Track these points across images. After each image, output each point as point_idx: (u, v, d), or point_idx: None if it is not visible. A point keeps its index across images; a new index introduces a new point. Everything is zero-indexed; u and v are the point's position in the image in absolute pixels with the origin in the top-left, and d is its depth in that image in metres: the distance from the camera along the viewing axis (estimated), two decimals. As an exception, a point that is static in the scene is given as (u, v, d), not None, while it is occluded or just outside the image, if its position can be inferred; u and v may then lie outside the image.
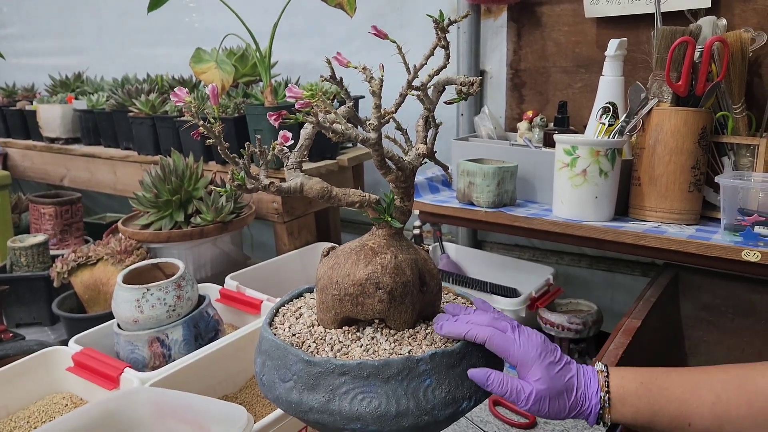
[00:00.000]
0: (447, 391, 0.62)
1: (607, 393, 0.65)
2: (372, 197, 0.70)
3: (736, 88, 1.16)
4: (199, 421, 0.86)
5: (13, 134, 2.33)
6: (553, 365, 0.65)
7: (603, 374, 0.67)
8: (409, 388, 0.60)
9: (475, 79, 0.68)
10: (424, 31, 1.70)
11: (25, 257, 1.47)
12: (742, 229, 1.02)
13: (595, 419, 0.66)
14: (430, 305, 0.71)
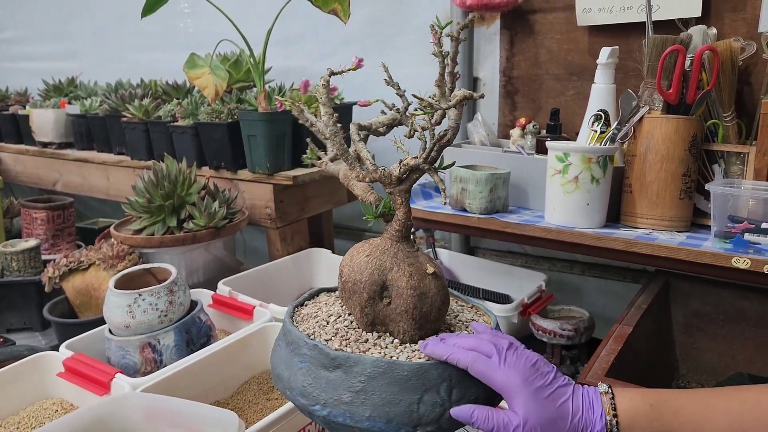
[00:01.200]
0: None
1: (615, 416, 0.60)
2: (371, 195, 0.71)
3: (726, 96, 1.17)
4: (191, 427, 0.85)
5: (6, 138, 2.32)
6: (542, 389, 0.59)
7: (608, 396, 0.61)
8: None
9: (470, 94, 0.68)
10: (419, 37, 1.72)
11: (16, 262, 1.47)
12: (732, 236, 1.03)
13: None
14: (427, 320, 0.68)
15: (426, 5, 1.67)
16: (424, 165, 0.64)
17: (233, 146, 1.55)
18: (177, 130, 1.64)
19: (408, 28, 1.71)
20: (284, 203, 1.55)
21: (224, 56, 1.81)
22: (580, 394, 0.61)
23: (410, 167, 0.65)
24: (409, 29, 1.71)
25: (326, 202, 1.69)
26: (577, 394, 0.61)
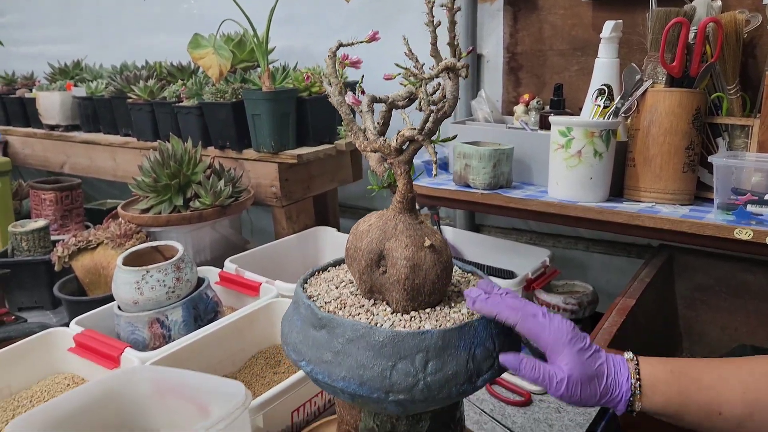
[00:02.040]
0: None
1: (638, 380, 0.64)
2: (381, 167, 0.72)
3: (731, 68, 1.17)
4: (198, 398, 0.87)
5: (13, 122, 2.34)
6: (584, 351, 0.64)
7: (633, 362, 0.66)
8: None
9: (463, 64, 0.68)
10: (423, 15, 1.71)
11: (26, 242, 1.49)
12: (734, 207, 1.03)
13: (624, 406, 0.65)
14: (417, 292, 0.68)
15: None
16: (419, 136, 0.64)
17: (238, 126, 1.56)
18: (182, 110, 1.65)
19: (411, 5, 1.71)
20: (289, 182, 1.56)
21: (228, 36, 1.81)
22: (611, 360, 0.66)
23: (406, 138, 0.65)
24: (412, 6, 1.70)
25: (331, 181, 1.69)
26: (609, 360, 0.66)
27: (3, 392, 1.04)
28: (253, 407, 0.88)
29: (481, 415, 1.06)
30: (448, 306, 0.72)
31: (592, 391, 0.64)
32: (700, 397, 0.64)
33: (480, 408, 1.08)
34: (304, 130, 1.57)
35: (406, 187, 0.68)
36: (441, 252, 0.68)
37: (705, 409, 0.63)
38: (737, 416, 0.62)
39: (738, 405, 0.62)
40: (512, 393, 1.12)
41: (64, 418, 0.83)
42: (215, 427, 0.74)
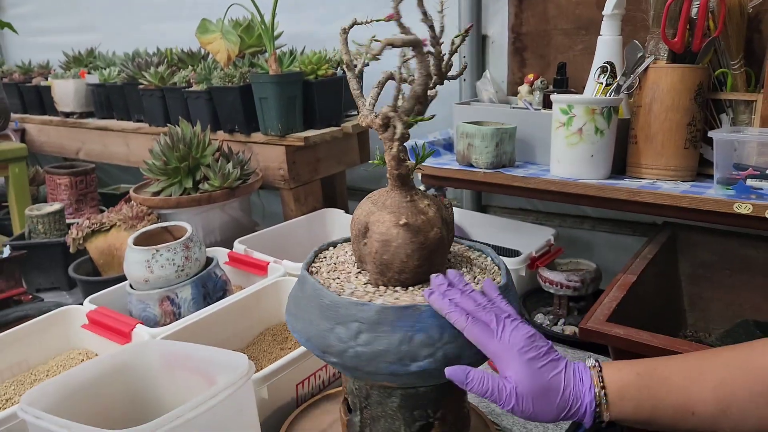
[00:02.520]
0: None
1: (603, 388, 0.60)
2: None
3: (734, 43, 1.16)
4: (205, 370, 0.90)
5: (30, 110, 2.38)
6: (535, 360, 0.60)
7: (595, 369, 0.62)
8: None
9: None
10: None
11: (42, 225, 1.53)
12: (734, 182, 1.04)
13: (591, 419, 0.61)
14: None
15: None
16: (392, 113, 0.65)
17: (246, 109, 1.59)
18: (192, 95, 1.68)
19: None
20: (297, 164, 1.58)
21: (236, 22, 1.83)
22: (571, 369, 0.62)
23: (384, 114, 0.66)
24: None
25: (338, 164, 1.71)
26: (568, 369, 0.62)
27: (21, 366, 1.09)
28: (258, 379, 0.91)
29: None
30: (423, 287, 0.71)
31: (548, 404, 0.60)
32: (671, 398, 0.60)
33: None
34: (310, 113, 1.59)
35: (391, 164, 0.69)
36: (419, 232, 0.67)
37: (679, 410, 0.60)
38: (711, 414, 0.59)
39: (711, 402, 0.59)
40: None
41: (77, 389, 0.86)
42: (219, 396, 0.76)
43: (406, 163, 0.68)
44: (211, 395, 0.76)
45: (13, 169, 1.81)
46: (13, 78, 2.47)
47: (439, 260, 0.71)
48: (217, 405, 0.76)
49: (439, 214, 0.70)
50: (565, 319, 1.31)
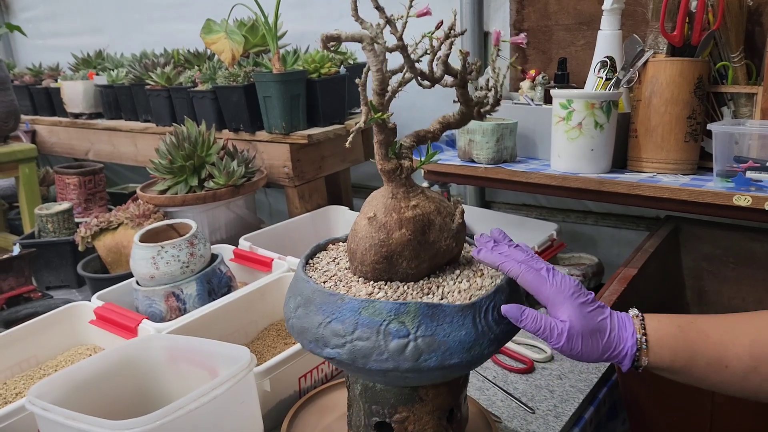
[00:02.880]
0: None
1: (644, 335, 0.64)
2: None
3: (734, 36, 1.16)
4: (208, 363, 0.92)
5: (40, 111, 2.42)
6: (586, 305, 0.64)
7: (638, 318, 0.66)
8: None
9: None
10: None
11: (51, 224, 1.55)
12: (734, 174, 1.04)
13: (630, 362, 0.65)
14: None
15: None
16: (364, 107, 0.66)
17: (250, 108, 1.60)
18: (197, 95, 1.70)
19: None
20: (301, 162, 1.59)
21: (241, 22, 1.84)
22: (615, 316, 0.66)
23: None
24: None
25: (342, 161, 1.73)
26: (613, 315, 0.66)
27: (30, 362, 1.11)
28: (260, 372, 0.93)
29: (483, 382, 1.09)
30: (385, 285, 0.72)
31: (594, 345, 0.64)
32: (708, 351, 0.63)
33: (483, 375, 1.11)
34: (314, 111, 1.60)
35: (378, 161, 0.71)
36: (382, 229, 0.68)
37: (713, 363, 0.63)
38: (743, 369, 0.62)
39: (745, 358, 0.62)
40: (515, 361, 1.15)
41: (84, 383, 0.88)
42: (220, 388, 0.78)
43: (391, 160, 0.69)
44: (213, 387, 0.77)
45: (23, 170, 1.84)
46: (24, 80, 2.51)
47: (405, 263, 0.69)
48: (218, 397, 0.77)
49: (422, 218, 0.69)
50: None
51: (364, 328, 0.64)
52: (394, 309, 0.64)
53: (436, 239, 0.70)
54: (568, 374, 1.11)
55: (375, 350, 0.64)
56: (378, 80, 0.64)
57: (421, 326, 0.63)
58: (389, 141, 0.69)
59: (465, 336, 0.64)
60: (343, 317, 0.65)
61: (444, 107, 1.50)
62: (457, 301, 0.66)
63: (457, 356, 0.63)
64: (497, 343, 0.66)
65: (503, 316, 0.65)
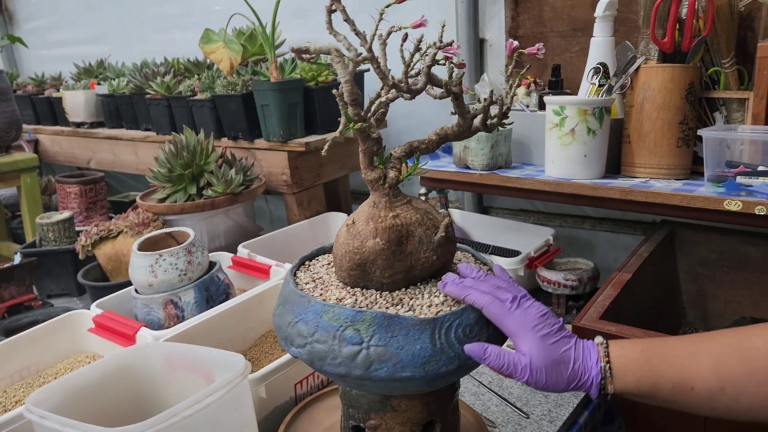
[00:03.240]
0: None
1: (608, 363, 0.65)
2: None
3: (724, 42, 1.17)
4: (204, 369, 0.93)
5: (42, 121, 2.44)
6: (549, 336, 0.65)
7: (602, 346, 0.67)
8: None
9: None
10: (426, 2, 1.73)
11: (52, 232, 1.57)
12: (724, 179, 1.05)
13: (597, 390, 0.65)
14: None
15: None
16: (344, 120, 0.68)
17: (248, 117, 1.62)
18: (196, 103, 1.72)
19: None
20: (299, 169, 1.61)
21: (240, 30, 1.86)
22: (580, 345, 0.67)
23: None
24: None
25: (341, 168, 1.74)
26: (578, 345, 0.67)
27: (30, 370, 1.12)
28: (255, 378, 0.94)
29: (479, 387, 1.10)
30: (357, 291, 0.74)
31: (559, 376, 0.64)
32: (672, 374, 0.64)
33: (478, 380, 1.12)
34: (312, 119, 1.62)
35: (361, 167, 0.72)
36: (356, 237, 0.70)
37: (678, 386, 0.64)
38: (709, 390, 0.63)
39: (710, 379, 0.63)
40: (511, 366, 1.15)
41: (82, 390, 0.89)
42: (215, 394, 0.79)
43: (375, 170, 0.71)
44: (207, 394, 0.78)
45: (25, 179, 1.86)
46: (26, 90, 2.54)
47: (379, 272, 0.69)
48: (213, 403, 0.78)
49: (400, 229, 0.69)
50: (563, 318, 1.32)
51: (323, 332, 0.66)
52: (351, 316, 0.65)
53: (413, 251, 0.69)
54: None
55: (330, 354, 0.65)
56: (348, 91, 0.65)
57: (375, 335, 0.64)
58: (372, 150, 0.70)
59: (420, 350, 0.63)
60: (307, 319, 0.67)
61: (442, 114, 1.52)
62: (424, 315, 0.66)
63: (410, 370, 0.63)
64: (459, 363, 0.65)
65: (471, 335, 0.65)
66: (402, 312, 0.66)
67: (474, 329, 0.66)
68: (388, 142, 0.74)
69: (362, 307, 0.67)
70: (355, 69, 0.65)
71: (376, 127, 0.76)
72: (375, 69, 0.65)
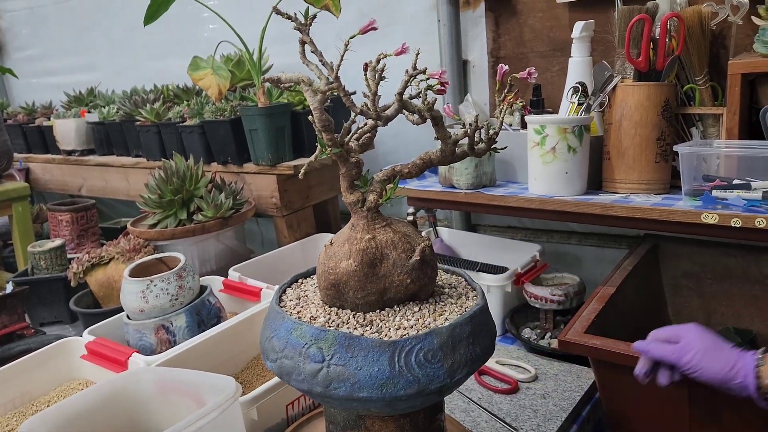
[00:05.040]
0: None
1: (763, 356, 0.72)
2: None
3: (697, 60, 1.21)
4: (196, 393, 0.94)
5: (34, 149, 2.46)
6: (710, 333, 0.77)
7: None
8: None
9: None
10: (410, 27, 1.78)
11: (44, 260, 1.58)
12: (701, 193, 1.07)
13: (753, 376, 0.71)
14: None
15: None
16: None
17: (237, 141, 1.64)
18: (186, 129, 1.74)
19: (399, 17, 1.77)
20: (288, 192, 1.63)
21: (227, 57, 1.90)
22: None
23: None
24: (401, 18, 1.77)
25: (330, 190, 1.76)
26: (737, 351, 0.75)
27: (23, 398, 1.13)
28: (247, 401, 0.95)
29: (468, 404, 1.11)
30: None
31: (717, 359, 0.72)
32: None
33: (468, 397, 1.13)
34: (300, 142, 1.64)
35: (342, 190, 0.75)
36: (331, 258, 0.73)
37: None
38: None
39: None
40: (500, 381, 1.17)
41: (75, 417, 0.90)
42: (206, 418, 0.80)
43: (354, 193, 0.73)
44: (198, 417, 0.79)
45: (16, 208, 1.87)
46: (17, 119, 2.56)
47: (352, 293, 0.71)
48: (203, 427, 0.79)
49: (373, 251, 0.71)
50: (551, 333, 1.34)
51: (291, 348, 0.68)
52: (315, 334, 0.67)
53: (387, 273, 0.71)
54: (551, 393, 1.13)
55: (295, 370, 0.68)
56: (318, 119, 0.68)
57: (336, 355, 0.66)
58: (351, 174, 0.72)
59: (377, 372, 0.64)
60: (279, 335, 0.70)
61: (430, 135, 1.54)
62: (390, 338, 0.67)
63: (367, 391, 0.64)
64: (418, 387, 0.65)
65: (434, 361, 0.66)
66: (369, 333, 0.68)
67: (437, 354, 0.66)
68: (375, 162, 0.77)
69: (333, 326, 0.69)
70: (324, 97, 0.67)
71: (358, 152, 0.78)
72: (343, 97, 0.68)
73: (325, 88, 0.72)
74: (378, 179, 0.78)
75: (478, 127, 0.79)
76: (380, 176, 0.78)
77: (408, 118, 0.77)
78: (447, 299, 0.78)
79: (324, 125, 0.70)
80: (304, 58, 0.70)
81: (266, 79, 0.70)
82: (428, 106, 0.73)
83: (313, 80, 0.75)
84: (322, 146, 0.73)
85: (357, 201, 0.73)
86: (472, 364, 0.70)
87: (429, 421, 0.78)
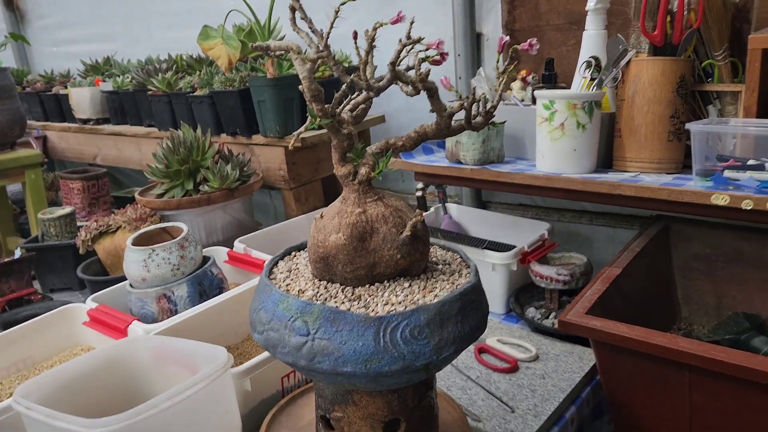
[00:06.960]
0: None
1: None
2: None
3: (716, 35, 1.16)
4: (191, 362, 0.94)
5: (51, 117, 2.48)
6: None
7: None
8: None
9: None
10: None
11: (54, 228, 1.60)
12: (712, 173, 1.04)
13: None
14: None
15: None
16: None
17: (246, 112, 1.63)
18: (195, 99, 1.73)
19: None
20: (296, 165, 1.62)
21: (239, 27, 1.87)
22: None
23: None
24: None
25: (339, 163, 1.75)
26: None
27: (26, 362, 1.15)
28: (240, 372, 0.95)
29: (466, 381, 1.10)
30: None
31: None
32: None
33: (466, 374, 1.12)
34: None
35: (333, 162, 0.73)
36: (320, 231, 0.72)
37: None
38: None
39: None
40: (499, 360, 1.16)
41: (71, 382, 0.91)
42: (195, 387, 0.80)
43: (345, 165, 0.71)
44: (187, 386, 0.79)
45: (29, 175, 1.89)
46: (35, 87, 2.57)
47: (341, 267, 0.70)
48: (192, 396, 0.79)
49: (363, 225, 0.70)
50: (556, 313, 1.32)
51: (277, 320, 0.68)
52: (301, 307, 0.67)
53: (377, 248, 0.70)
54: (551, 374, 1.12)
55: (280, 342, 0.67)
56: (307, 88, 0.66)
57: (321, 329, 0.65)
58: (343, 146, 0.70)
59: (362, 347, 0.64)
60: (266, 307, 0.70)
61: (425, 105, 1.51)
62: (377, 313, 0.66)
63: (351, 365, 0.64)
64: (404, 364, 0.64)
65: (420, 337, 0.65)
66: (356, 308, 0.67)
67: (424, 331, 0.65)
68: (388, 137, 0.75)
69: (320, 300, 0.68)
70: (314, 66, 0.65)
71: (351, 123, 0.77)
72: (332, 67, 0.66)
73: (317, 56, 0.70)
74: (371, 152, 0.76)
75: (475, 100, 0.76)
76: (373, 149, 0.77)
77: (402, 89, 0.75)
78: (439, 276, 0.77)
79: (314, 95, 0.69)
80: (295, 26, 0.68)
81: (254, 46, 0.68)
82: (421, 77, 0.70)
83: (304, 49, 0.73)
84: (313, 117, 0.71)
85: (348, 174, 0.71)
86: (461, 342, 0.69)
87: (418, 398, 0.77)
